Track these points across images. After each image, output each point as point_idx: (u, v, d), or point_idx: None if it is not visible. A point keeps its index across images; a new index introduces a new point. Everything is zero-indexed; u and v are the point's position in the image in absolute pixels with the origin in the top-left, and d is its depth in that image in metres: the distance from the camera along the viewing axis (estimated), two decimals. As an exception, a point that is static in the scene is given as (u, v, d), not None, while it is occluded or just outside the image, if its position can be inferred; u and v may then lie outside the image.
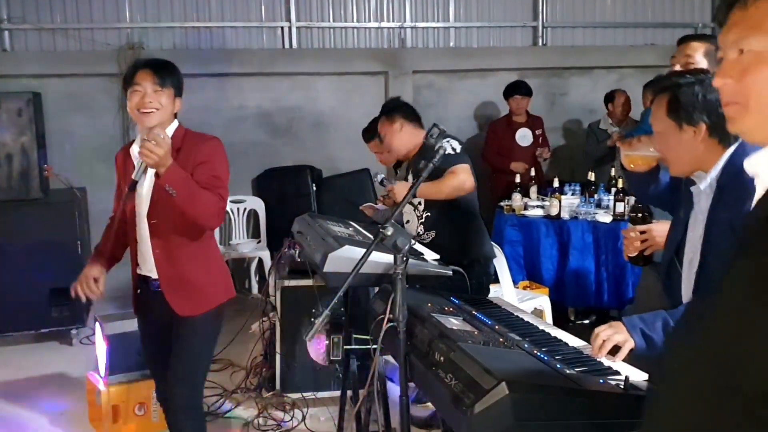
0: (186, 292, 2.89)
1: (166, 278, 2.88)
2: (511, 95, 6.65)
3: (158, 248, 2.87)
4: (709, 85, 2.09)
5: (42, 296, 5.32)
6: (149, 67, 2.81)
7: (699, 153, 2.11)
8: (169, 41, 6.65)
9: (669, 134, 2.13)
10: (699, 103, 2.07)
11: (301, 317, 4.15)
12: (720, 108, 2.07)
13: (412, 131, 3.83)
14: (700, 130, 2.09)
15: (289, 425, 4.03)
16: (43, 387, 4.66)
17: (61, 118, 6.36)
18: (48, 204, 5.50)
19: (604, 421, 1.84)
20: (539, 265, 5.35)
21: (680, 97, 2.10)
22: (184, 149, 2.84)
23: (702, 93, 2.08)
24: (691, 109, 2.08)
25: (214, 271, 2.97)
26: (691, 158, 2.13)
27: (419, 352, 2.16)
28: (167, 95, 2.81)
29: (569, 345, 2.22)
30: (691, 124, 2.09)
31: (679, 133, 2.11)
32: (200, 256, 2.91)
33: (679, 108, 2.10)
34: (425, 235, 3.65)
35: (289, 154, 6.88)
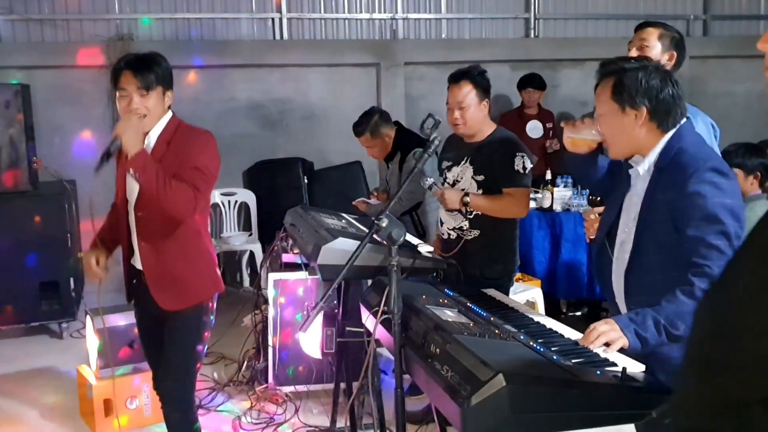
0: (170, 286, 2.88)
1: (151, 272, 2.88)
2: (525, 88, 6.75)
3: (144, 241, 2.88)
4: (653, 71, 2.16)
5: (32, 290, 5.29)
6: (131, 69, 2.77)
7: (638, 136, 2.19)
8: (159, 32, 6.59)
9: (611, 116, 2.20)
10: (642, 87, 2.15)
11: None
12: (660, 94, 2.14)
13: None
14: (642, 113, 2.16)
15: (281, 418, 4.01)
16: (34, 381, 4.63)
17: (50, 110, 6.30)
18: (37, 197, 5.45)
19: (601, 412, 1.83)
20: (531, 258, 5.35)
21: (624, 81, 2.17)
22: (174, 141, 2.84)
23: (645, 78, 2.16)
24: (634, 93, 2.15)
25: (201, 266, 2.95)
26: (631, 141, 2.20)
27: (414, 344, 2.14)
28: (155, 96, 2.79)
29: (565, 336, 2.21)
30: (633, 108, 2.16)
31: (621, 115, 2.18)
32: (186, 251, 2.90)
33: (623, 91, 2.17)
34: (468, 232, 3.54)
35: (280, 146, 6.85)
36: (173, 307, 2.88)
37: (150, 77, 2.77)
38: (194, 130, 2.90)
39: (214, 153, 2.88)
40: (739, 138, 4.35)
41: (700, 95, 7.26)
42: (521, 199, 3.47)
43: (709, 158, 2.13)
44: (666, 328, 1.97)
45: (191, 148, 2.81)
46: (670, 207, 2.11)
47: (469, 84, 3.50)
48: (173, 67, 2.92)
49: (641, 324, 2.00)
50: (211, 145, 2.87)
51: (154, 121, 2.84)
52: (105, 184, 3.12)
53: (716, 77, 7.74)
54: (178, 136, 2.85)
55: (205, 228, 2.99)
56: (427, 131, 2.47)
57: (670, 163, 2.14)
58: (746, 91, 7.84)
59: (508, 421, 1.74)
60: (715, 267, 1.99)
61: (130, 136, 2.68)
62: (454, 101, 3.52)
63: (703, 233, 2.02)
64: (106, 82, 6.37)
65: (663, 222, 2.13)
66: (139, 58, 2.82)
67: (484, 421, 1.73)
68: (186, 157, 2.79)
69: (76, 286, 5.53)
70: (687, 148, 2.15)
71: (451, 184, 3.59)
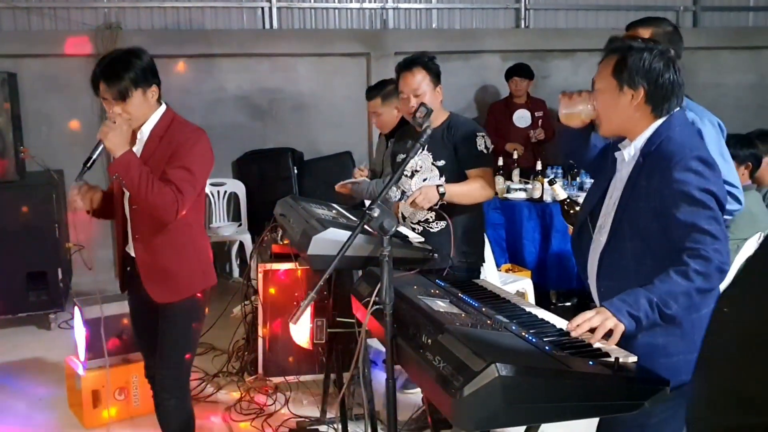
0: (162, 279, 2.88)
1: (144, 264, 2.89)
2: (511, 77, 6.71)
3: (137, 233, 2.88)
4: (658, 54, 2.16)
5: (19, 280, 5.24)
6: (104, 79, 2.74)
7: (631, 117, 2.19)
8: (147, 21, 6.53)
9: (608, 93, 2.20)
10: (643, 68, 2.15)
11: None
12: (661, 78, 2.13)
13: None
14: (639, 94, 2.16)
15: (271, 409, 4.01)
16: (22, 372, 4.60)
17: (37, 100, 6.24)
18: (24, 187, 5.40)
19: (594, 402, 1.83)
20: (522, 248, 5.35)
21: (628, 59, 2.17)
22: (167, 137, 2.83)
23: (649, 60, 2.16)
24: (635, 73, 2.15)
25: (193, 259, 2.94)
26: (623, 121, 2.21)
27: (406, 334, 2.13)
28: (136, 101, 2.76)
29: (557, 327, 2.20)
30: (631, 87, 2.16)
31: (618, 93, 2.18)
32: (179, 244, 2.89)
33: (624, 69, 2.17)
34: (434, 224, 3.47)
35: (269, 136, 6.81)
36: (165, 300, 2.88)
37: (123, 84, 2.72)
38: (187, 126, 2.88)
39: (204, 151, 2.86)
40: (729, 129, 4.36)
41: (689, 86, 7.15)
42: (490, 180, 3.45)
43: (696, 148, 2.13)
44: (659, 306, 1.97)
45: (182, 146, 2.79)
46: (653, 194, 2.11)
47: (422, 70, 3.45)
48: (162, 57, 2.89)
49: (633, 304, 1.99)
50: (201, 143, 2.84)
51: (142, 120, 2.82)
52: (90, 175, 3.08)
53: (706, 68, 7.75)
54: (170, 132, 2.83)
55: (198, 222, 2.97)
56: (420, 120, 2.45)
57: (656, 150, 2.15)
58: (736, 82, 7.86)
59: (500, 412, 1.74)
60: (710, 251, 1.99)
61: (112, 139, 2.68)
62: (408, 89, 3.45)
63: (695, 219, 2.02)
64: (94, 71, 6.33)
65: (644, 209, 2.13)
66: (110, 65, 2.75)
67: (477, 412, 1.73)
68: (176, 154, 2.77)
69: (64, 276, 5.49)
70: (674, 137, 2.15)
71: (409, 175, 3.51)
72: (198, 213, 2.96)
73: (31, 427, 3.92)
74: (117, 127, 2.71)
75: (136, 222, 2.87)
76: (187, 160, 2.77)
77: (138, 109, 2.77)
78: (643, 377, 1.90)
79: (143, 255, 2.88)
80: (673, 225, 2.06)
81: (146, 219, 2.83)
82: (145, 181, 2.66)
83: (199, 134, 2.85)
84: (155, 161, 2.78)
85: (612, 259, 2.21)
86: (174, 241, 2.86)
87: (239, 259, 6.63)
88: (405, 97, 3.47)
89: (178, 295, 2.88)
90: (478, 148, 3.40)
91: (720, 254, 2.00)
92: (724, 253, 2.01)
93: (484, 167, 3.43)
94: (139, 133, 2.85)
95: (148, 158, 2.79)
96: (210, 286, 3.00)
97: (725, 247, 2.02)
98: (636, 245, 2.15)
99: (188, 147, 2.79)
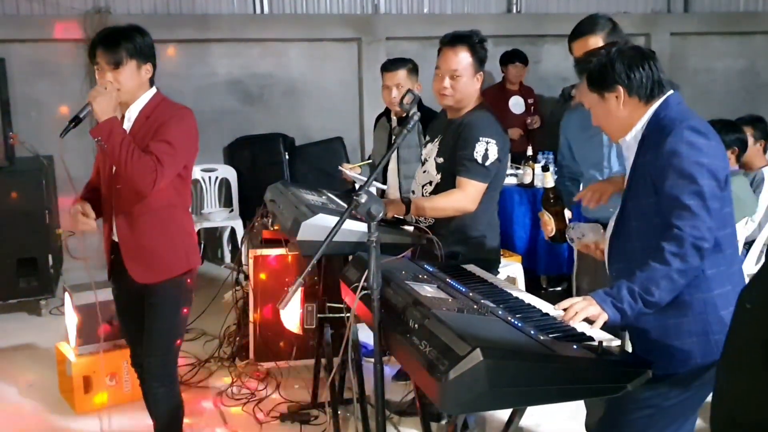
0: (143, 258, 2.89)
1: (125, 244, 2.90)
2: (512, 62, 6.65)
3: (121, 213, 2.89)
4: (617, 52, 2.19)
5: (9, 267, 5.23)
6: (102, 44, 2.78)
7: (624, 114, 2.22)
8: (137, 6, 6.49)
9: (597, 106, 2.25)
10: (610, 70, 2.20)
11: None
12: (630, 71, 2.15)
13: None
14: (619, 93, 2.19)
15: (263, 394, 4.03)
16: (12, 358, 4.61)
17: (26, 85, 6.20)
18: (14, 172, 5.38)
19: (578, 386, 1.85)
20: (512, 233, 5.37)
21: (593, 71, 2.24)
22: (153, 116, 2.84)
23: (610, 61, 2.20)
24: (605, 77, 2.20)
25: (176, 239, 2.94)
26: (620, 121, 2.24)
27: (393, 319, 2.15)
28: (127, 71, 2.79)
29: (543, 311, 2.22)
30: (610, 91, 2.20)
31: (603, 102, 2.23)
32: (162, 225, 2.89)
33: (595, 80, 2.23)
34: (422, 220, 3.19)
35: (260, 122, 6.80)
36: (146, 280, 2.89)
37: (120, 53, 2.77)
38: (174, 106, 2.90)
39: (188, 128, 2.86)
40: (719, 114, 4.38)
41: (680, 72, 7.27)
42: (471, 193, 3.04)
43: (689, 118, 2.13)
44: (641, 295, 1.99)
45: (167, 122, 2.80)
46: (649, 169, 2.12)
47: (466, 50, 3.11)
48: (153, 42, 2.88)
49: (616, 295, 2.02)
50: (186, 120, 2.86)
51: (131, 95, 2.84)
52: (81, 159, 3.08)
53: (696, 54, 7.75)
54: (157, 111, 2.85)
55: (182, 204, 2.97)
56: (406, 107, 2.44)
57: (654, 127, 2.17)
58: (726, 67, 7.86)
59: (485, 395, 1.76)
60: (687, 228, 1.99)
61: (101, 102, 2.70)
62: (446, 67, 3.11)
63: (678, 192, 2.03)
64: (84, 56, 6.27)
65: (643, 186, 2.14)
66: (110, 33, 2.81)
67: (462, 396, 1.74)
68: (159, 130, 2.79)
69: (55, 262, 5.48)
70: (668, 114, 2.17)
71: (422, 162, 3.33)
72: (182, 196, 2.96)
73: (22, 412, 3.94)
74: (107, 93, 2.73)
75: (119, 201, 2.88)
76: (169, 135, 2.78)
77: (129, 80, 2.79)
78: (626, 360, 1.93)
79: (125, 234, 2.88)
80: (663, 198, 2.07)
81: (129, 196, 2.83)
82: (126, 147, 2.68)
83: (185, 111, 2.87)
84: (140, 139, 2.79)
85: (620, 242, 2.23)
86: (156, 220, 2.87)
87: (230, 244, 6.63)
88: (439, 75, 3.14)
89: (158, 275, 2.88)
90: (474, 155, 3.02)
91: (696, 230, 1.99)
92: (703, 229, 1.99)
93: (472, 178, 3.04)
94: (128, 112, 2.86)
95: (135, 136, 2.80)
96: (192, 268, 2.98)
97: (705, 223, 2.00)
98: (640, 225, 2.16)
99: (172, 124, 2.81)
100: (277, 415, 3.79)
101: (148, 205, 2.83)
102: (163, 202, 2.85)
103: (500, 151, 3.07)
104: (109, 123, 2.70)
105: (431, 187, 3.20)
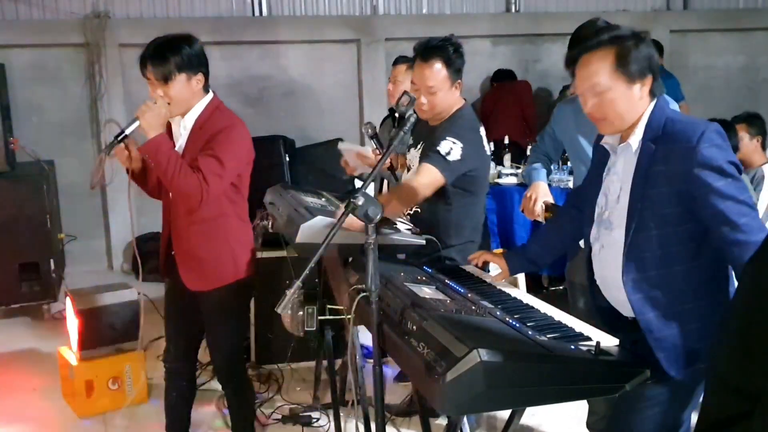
0: (195, 267, 2.93)
1: (180, 251, 2.95)
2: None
3: (175, 219, 2.94)
4: (643, 38, 2.09)
5: (11, 271, 5.25)
6: (150, 59, 2.76)
7: (640, 108, 2.10)
8: (137, 10, 6.50)
9: (617, 89, 2.07)
10: (645, 57, 2.06)
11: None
12: (653, 60, 2.07)
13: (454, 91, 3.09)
14: (647, 83, 2.08)
15: (264, 396, 4.03)
16: (15, 363, 4.62)
17: (27, 90, 6.23)
18: (15, 177, 5.40)
19: (576, 386, 1.85)
20: (512, 233, 5.36)
21: (630, 50, 2.05)
22: (206, 126, 2.85)
23: (644, 45, 2.07)
24: (641, 63, 2.05)
25: (226, 250, 2.95)
26: (633, 114, 2.10)
27: (392, 321, 2.15)
28: (178, 84, 2.77)
29: (541, 312, 2.22)
30: (641, 78, 2.07)
31: (627, 88, 2.07)
32: (213, 234, 2.91)
33: (628, 62, 2.05)
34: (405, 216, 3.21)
35: (260, 124, 6.79)
36: (197, 288, 2.94)
37: (168, 67, 2.74)
38: (225, 115, 2.88)
39: (238, 140, 2.86)
40: (718, 111, 4.39)
41: (680, 69, 7.27)
42: (423, 174, 2.93)
43: (707, 122, 2.08)
44: None
45: (216, 135, 2.80)
46: (675, 178, 2.03)
47: (440, 63, 2.99)
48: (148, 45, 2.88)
49: None
50: (235, 131, 2.85)
51: (185, 106, 2.84)
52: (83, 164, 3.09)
53: (696, 51, 7.75)
54: (210, 122, 2.85)
55: (235, 213, 2.97)
56: (402, 109, 2.44)
57: (663, 133, 2.07)
58: (726, 64, 7.86)
59: (483, 396, 1.76)
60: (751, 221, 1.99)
61: (148, 119, 2.70)
62: (421, 84, 3.00)
63: (732, 191, 1.98)
64: (84, 60, 6.32)
65: (666, 194, 2.05)
66: (158, 47, 2.78)
67: (460, 397, 1.75)
68: (209, 142, 2.79)
69: (57, 267, 5.50)
70: (673, 116, 2.10)
71: (407, 169, 3.29)
72: (235, 204, 2.95)
73: (25, 417, 3.94)
74: (156, 108, 2.73)
75: (173, 208, 2.93)
76: (219, 148, 2.78)
77: (180, 93, 2.78)
78: (623, 360, 1.92)
79: (178, 240, 2.94)
80: (709, 202, 1.99)
81: (181, 205, 2.88)
82: (173, 165, 2.69)
83: (233, 123, 2.86)
84: (194, 149, 2.81)
85: (635, 252, 2.10)
86: (207, 229, 2.90)
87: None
88: (415, 90, 3.02)
89: (207, 284, 2.93)
90: (437, 148, 2.94)
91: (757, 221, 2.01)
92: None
93: (430, 163, 2.93)
94: (183, 122, 2.86)
95: (190, 146, 2.83)
96: (241, 278, 2.98)
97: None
98: (662, 232, 2.07)
99: (221, 137, 2.80)
100: (278, 417, 3.80)
101: (200, 215, 2.86)
102: (214, 212, 2.86)
103: (465, 154, 2.96)
104: (156, 140, 2.70)
105: None
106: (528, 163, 3.43)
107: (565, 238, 2.59)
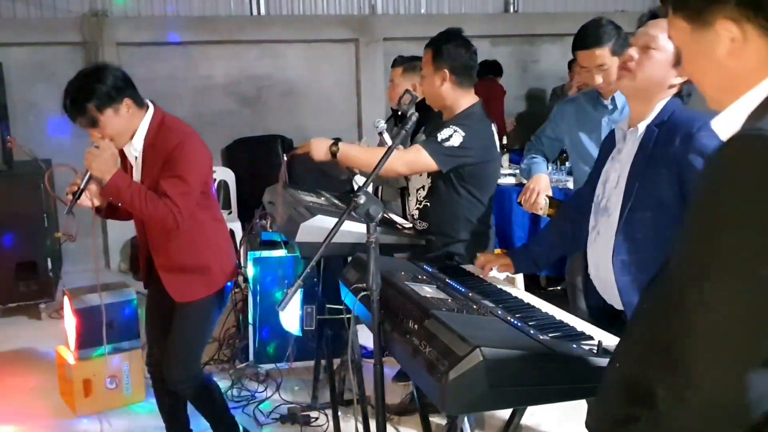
0: (180, 279, 2.92)
1: (161, 265, 2.93)
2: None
3: (152, 239, 2.93)
4: None
5: (8, 270, 5.23)
6: (69, 114, 2.74)
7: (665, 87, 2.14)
8: (134, 8, 6.49)
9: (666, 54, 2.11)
10: None
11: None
12: None
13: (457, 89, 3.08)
14: (684, 78, 2.10)
15: (263, 396, 4.02)
16: (12, 362, 4.60)
17: (24, 88, 6.21)
18: (12, 176, 5.39)
19: (578, 385, 1.85)
20: (511, 234, 5.36)
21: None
22: (157, 144, 2.81)
23: None
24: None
25: (209, 257, 2.95)
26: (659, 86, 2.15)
27: (393, 320, 2.14)
28: (109, 121, 2.73)
29: (542, 311, 2.22)
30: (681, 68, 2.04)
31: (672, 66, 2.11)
32: (193, 246, 2.90)
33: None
34: (418, 223, 3.19)
35: (258, 123, 6.80)
36: (185, 299, 2.92)
37: (89, 114, 2.70)
38: (173, 130, 2.81)
39: (196, 154, 2.81)
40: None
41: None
42: (410, 155, 2.95)
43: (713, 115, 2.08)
44: None
45: (172, 154, 2.75)
46: (673, 160, 2.05)
47: (429, 52, 3.12)
48: (148, 44, 2.88)
49: None
50: (189, 145, 2.79)
51: (126, 135, 2.80)
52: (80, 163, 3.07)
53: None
54: (159, 139, 2.80)
55: (211, 216, 2.96)
56: (404, 107, 2.44)
57: (669, 120, 2.11)
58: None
59: (485, 395, 1.75)
60: None
61: (97, 167, 2.68)
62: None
63: None
64: (81, 59, 6.30)
65: (664, 176, 2.08)
66: (72, 100, 2.73)
67: (462, 396, 1.74)
68: (168, 162, 2.75)
69: (54, 266, 5.48)
70: (683, 108, 2.13)
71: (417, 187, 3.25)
72: (207, 209, 2.95)
73: (22, 416, 3.93)
74: (100, 152, 2.69)
75: (148, 229, 2.92)
76: (178, 167, 2.74)
77: (115, 128, 2.75)
78: (626, 360, 1.92)
79: (159, 258, 2.92)
80: None
81: (156, 226, 2.86)
82: (138, 198, 2.68)
83: (184, 140, 2.78)
84: (151, 169, 2.78)
85: (627, 233, 2.13)
86: (185, 242, 2.88)
87: (230, 246, 6.63)
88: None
89: (196, 294, 2.92)
90: (437, 135, 2.96)
91: None
92: None
93: (422, 146, 2.96)
94: (131, 146, 2.83)
95: (146, 167, 2.81)
96: (228, 281, 3.02)
97: None
98: (657, 214, 2.09)
99: (178, 153, 2.75)
100: (277, 417, 3.79)
101: (176, 230, 2.82)
102: (189, 223, 2.83)
103: (466, 143, 2.94)
104: (114, 182, 2.69)
105: (424, 191, 3.16)
106: (525, 157, 3.43)
107: (566, 240, 2.58)
